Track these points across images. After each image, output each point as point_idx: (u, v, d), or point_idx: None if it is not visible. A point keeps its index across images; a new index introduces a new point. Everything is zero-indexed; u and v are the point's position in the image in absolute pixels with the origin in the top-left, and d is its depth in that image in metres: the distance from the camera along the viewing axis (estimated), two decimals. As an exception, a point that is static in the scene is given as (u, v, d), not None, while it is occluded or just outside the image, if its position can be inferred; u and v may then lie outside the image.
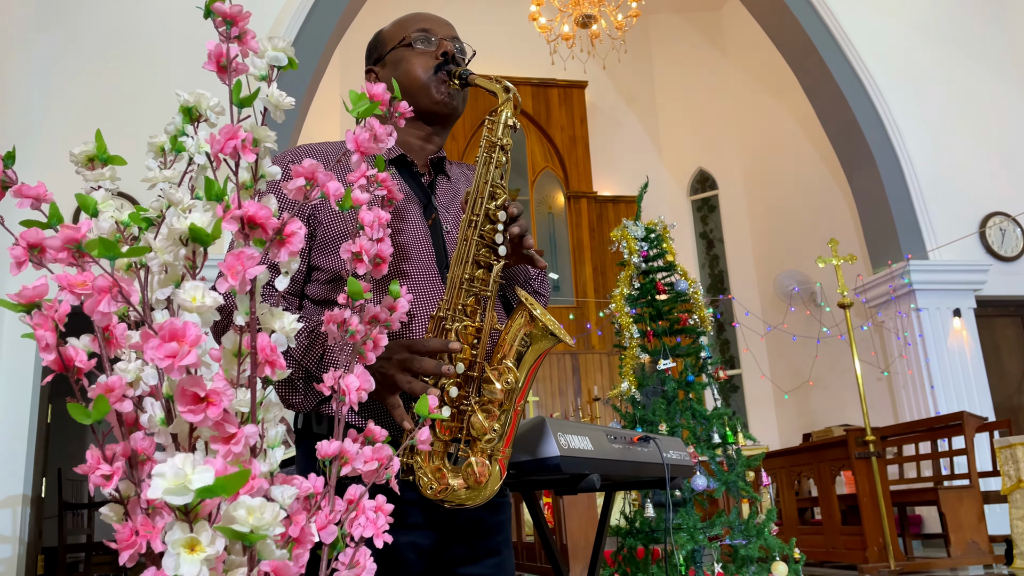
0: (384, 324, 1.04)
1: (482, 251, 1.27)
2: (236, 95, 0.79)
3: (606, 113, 11.97)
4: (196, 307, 0.72)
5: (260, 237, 0.77)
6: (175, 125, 0.88)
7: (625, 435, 2.32)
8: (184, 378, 0.68)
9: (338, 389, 0.90)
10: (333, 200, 0.82)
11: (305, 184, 0.81)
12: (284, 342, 0.80)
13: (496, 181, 1.30)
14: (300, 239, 0.78)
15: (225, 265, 0.73)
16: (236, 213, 0.75)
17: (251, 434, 0.72)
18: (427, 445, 0.97)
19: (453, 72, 1.42)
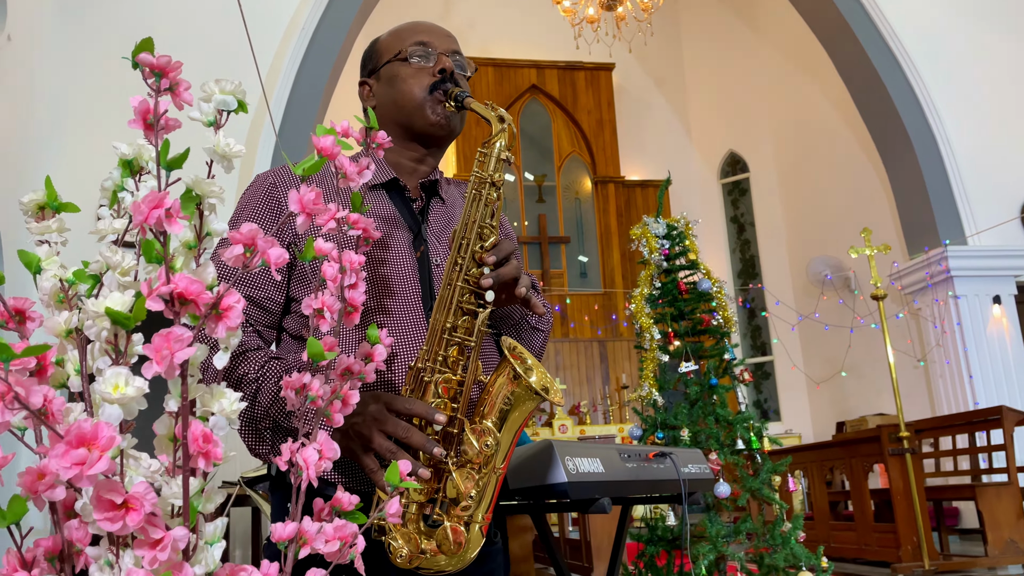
0: (358, 377, 0.96)
1: (467, 296, 1.17)
2: (163, 157, 0.71)
3: (634, 96, 11.78)
4: (117, 398, 0.65)
5: (193, 312, 0.70)
6: (114, 180, 0.81)
7: (640, 452, 2.23)
8: (100, 483, 0.61)
9: (295, 463, 0.83)
10: (274, 268, 0.74)
11: (244, 251, 0.73)
12: (224, 425, 0.73)
13: (485, 221, 1.21)
14: (238, 313, 0.71)
15: (151, 348, 0.66)
16: (163, 290, 0.68)
17: (180, 538, 0.65)
18: (397, 518, 0.89)
19: (450, 92, 1.32)
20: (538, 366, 1.17)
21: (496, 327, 1.39)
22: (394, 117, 1.37)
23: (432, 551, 1.09)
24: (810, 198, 10.22)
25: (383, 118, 1.39)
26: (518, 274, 1.21)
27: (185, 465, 0.68)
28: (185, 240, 0.80)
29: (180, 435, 0.68)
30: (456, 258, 1.19)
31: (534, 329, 1.43)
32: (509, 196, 10.88)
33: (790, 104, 10.52)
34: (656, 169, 11.44)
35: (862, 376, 8.94)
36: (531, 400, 1.13)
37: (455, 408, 1.14)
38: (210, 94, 0.86)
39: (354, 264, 0.99)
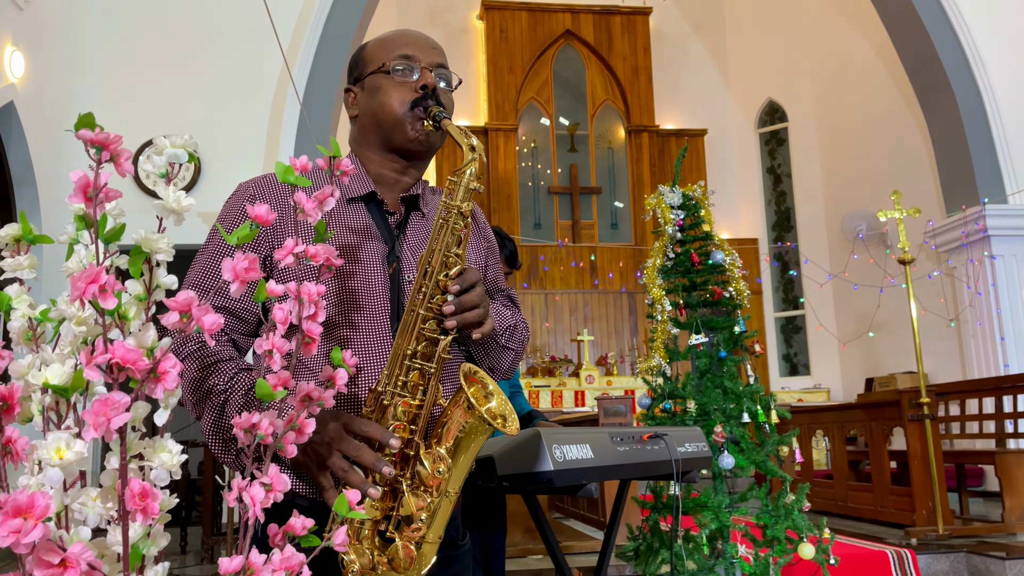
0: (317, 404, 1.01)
1: (428, 324, 1.20)
2: (101, 230, 0.75)
3: (672, 41, 11.50)
4: (59, 463, 0.70)
5: (132, 377, 0.75)
6: (69, 235, 0.85)
7: (634, 435, 2.28)
8: (39, 545, 0.67)
9: (242, 500, 0.89)
10: (208, 333, 0.78)
11: (182, 316, 0.78)
12: (166, 478, 0.79)
13: (451, 250, 1.23)
14: (174, 377, 0.75)
15: (89, 414, 0.71)
16: (101, 359, 0.73)
17: (117, 590, 0.71)
18: (343, 548, 0.95)
19: (429, 110, 1.33)
20: (499, 392, 1.20)
21: (465, 344, 1.41)
22: (375, 129, 1.38)
23: (384, 567, 1.14)
24: (849, 150, 9.98)
25: (365, 128, 1.41)
26: (479, 302, 1.22)
27: (124, 521, 0.74)
28: (136, 293, 0.85)
29: (120, 492, 0.74)
30: (420, 284, 1.21)
31: (504, 348, 1.44)
32: (541, 144, 10.79)
33: (831, 52, 10.19)
34: (692, 118, 11.23)
35: (893, 333, 8.84)
36: (484, 431, 1.16)
37: (413, 430, 1.18)
38: (162, 148, 0.89)
39: (312, 296, 1.03)
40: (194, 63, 6.17)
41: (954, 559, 4.37)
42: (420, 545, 1.16)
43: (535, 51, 10.80)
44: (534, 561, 4.51)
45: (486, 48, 10.69)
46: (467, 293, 1.23)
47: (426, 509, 1.16)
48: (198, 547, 5.52)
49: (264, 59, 6.06)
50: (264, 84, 6.13)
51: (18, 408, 0.77)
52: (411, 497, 1.15)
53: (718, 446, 3.13)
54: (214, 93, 6.13)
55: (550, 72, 10.95)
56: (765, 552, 3.15)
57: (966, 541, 4.61)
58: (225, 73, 6.14)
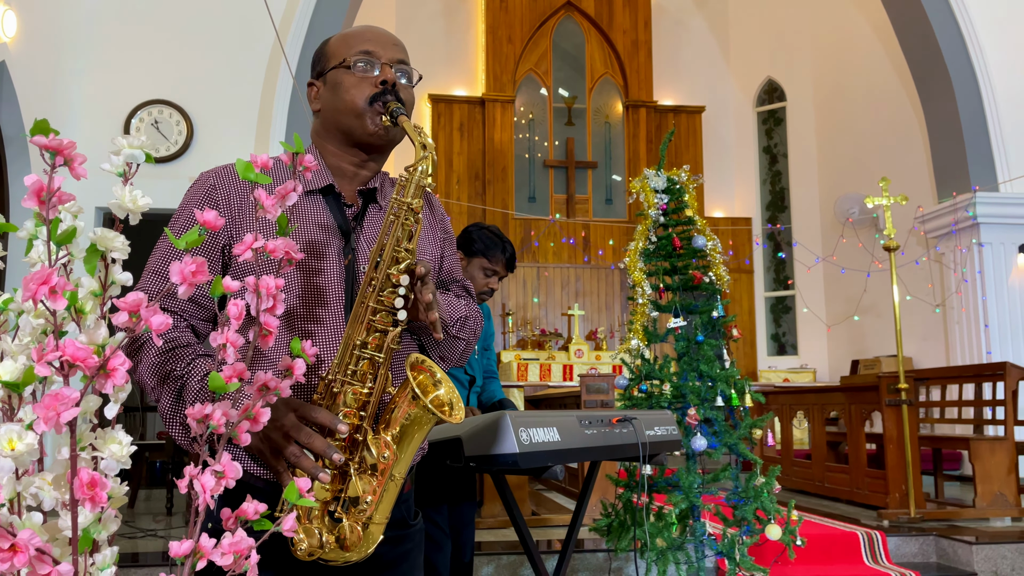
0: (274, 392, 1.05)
1: (379, 315, 1.24)
2: (53, 233, 0.79)
3: (673, 16, 11.42)
4: (10, 454, 0.75)
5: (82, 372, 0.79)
6: (28, 231, 0.89)
7: (603, 418, 2.33)
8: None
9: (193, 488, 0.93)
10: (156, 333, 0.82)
11: (131, 316, 0.81)
12: (116, 467, 0.83)
13: (401, 244, 1.26)
14: (123, 374, 0.79)
15: (40, 408, 0.75)
16: (51, 356, 0.77)
17: (65, 573, 0.76)
18: (292, 532, 1.00)
19: (388, 105, 1.36)
20: (446, 381, 1.25)
21: (417, 334, 1.45)
22: (336, 123, 1.41)
23: (332, 545, 1.20)
24: (845, 132, 9.97)
25: (327, 121, 1.44)
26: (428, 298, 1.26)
27: (73, 508, 0.78)
28: (92, 289, 0.89)
29: (69, 482, 0.79)
30: (371, 276, 1.25)
31: (455, 338, 1.48)
32: (538, 117, 10.76)
33: (833, 33, 10.14)
34: (690, 94, 11.19)
35: (880, 316, 8.92)
36: (429, 420, 1.21)
37: (363, 416, 1.23)
38: (119, 148, 0.93)
39: (271, 289, 1.06)
40: (188, 26, 6.13)
41: (923, 542, 4.46)
42: (367, 525, 1.21)
43: (535, 22, 10.73)
44: (511, 533, 4.60)
45: (485, 17, 10.61)
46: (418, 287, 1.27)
47: (372, 492, 1.21)
48: (183, 508, 5.62)
49: (258, 25, 6.03)
50: (258, 49, 6.10)
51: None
52: (358, 480, 1.20)
53: (691, 428, 3.19)
54: (208, 57, 6.10)
55: (549, 44, 10.88)
56: (734, 531, 3.23)
57: (937, 524, 4.71)
58: (219, 38, 6.11)
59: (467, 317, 1.52)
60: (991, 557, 4.20)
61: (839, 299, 9.75)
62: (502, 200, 10.21)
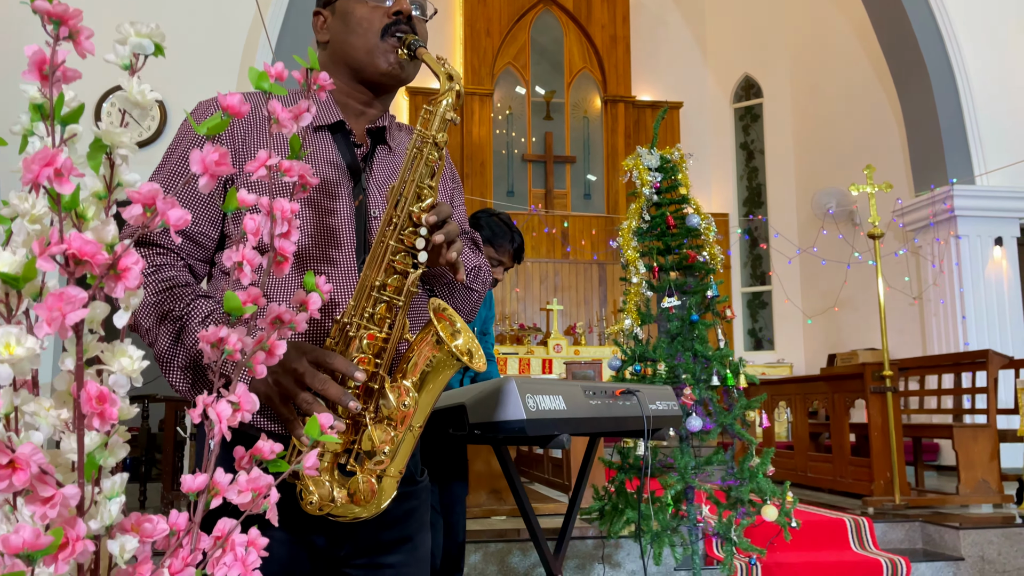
0: (288, 326, 0.96)
1: (399, 256, 1.16)
2: (58, 110, 0.70)
3: (651, 11, 11.42)
4: (8, 359, 0.65)
5: (90, 272, 0.70)
6: (23, 124, 0.79)
7: (606, 389, 2.26)
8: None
9: (208, 417, 0.84)
10: (173, 231, 0.73)
11: (144, 210, 0.72)
12: (126, 383, 0.74)
13: (424, 181, 1.18)
14: (137, 274, 0.70)
15: (43, 308, 0.66)
16: (55, 249, 0.67)
17: (71, 495, 0.67)
18: (314, 471, 0.91)
19: (404, 39, 1.27)
20: (466, 330, 1.18)
21: (430, 284, 1.38)
22: (344, 57, 1.32)
23: (343, 499, 1.12)
24: (822, 128, 10.03)
25: (334, 55, 1.34)
26: (452, 237, 1.19)
27: (79, 425, 0.69)
28: (95, 191, 0.79)
29: (75, 395, 0.69)
30: (391, 215, 1.17)
31: (468, 289, 1.42)
32: (516, 111, 10.69)
33: (810, 29, 10.20)
34: (668, 90, 11.19)
35: (856, 310, 8.97)
36: (452, 365, 1.14)
37: (378, 364, 1.15)
38: (125, 36, 0.83)
39: (286, 212, 0.98)
40: (161, 11, 5.98)
41: (909, 528, 4.45)
42: (381, 478, 1.13)
43: (513, 15, 10.66)
44: (498, 522, 4.52)
45: (463, 10, 10.53)
46: (438, 229, 1.19)
47: (389, 442, 1.13)
48: (158, 503, 5.46)
49: (234, 8, 5.89)
50: (235, 31, 5.96)
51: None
52: (374, 430, 1.12)
53: (687, 408, 3.13)
54: (183, 39, 5.95)
55: (528, 38, 10.82)
56: (728, 514, 3.18)
57: (922, 511, 4.71)
58: (195, 18, 5.96)
59: (480, 268, 1.46)
60: (978, 542, 4.19)
61: (815, 294, 9.79)
62: (480, 194, 10.12)
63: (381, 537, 1.30)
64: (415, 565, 1.35)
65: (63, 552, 0.67)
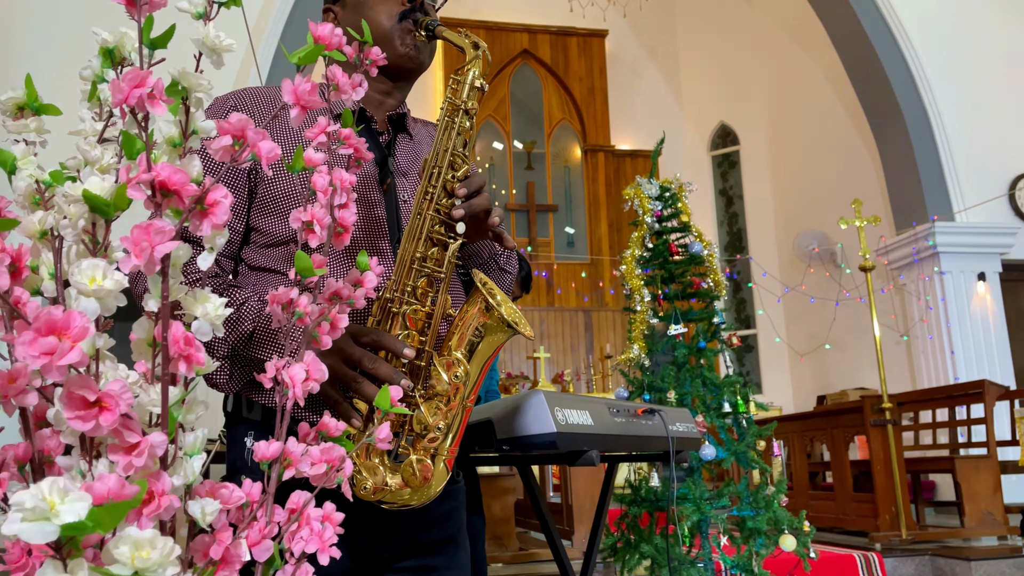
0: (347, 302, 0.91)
1: (437, 227, 1.14)
2: (146, 34, 0.66)
3: (627, 64, 11.66)
4: (94, 291, 0.60)
5: (176, 206, 0.65)
6: (92, 69, 0.75)
7: (629, 407, 2.20)
8: (71, 379, 0.56)
9: (281, 381, 0.78)
10: (266, 163, 0.69)
11: (233, 143, 0.68)
12: (208, 331, 0.68)
13: (457, 149, 1.17)
14: (225, 210, 0.66)
15: (130, 240, 0.61)
16: (144, 177, 0.63)
17: (157, 444, 0.60)
18: (386, 444, 0.86)
19: (420, 21, 1.27)
20: (507, 301, 1.15)
21: (464, 266, 1.37)
22: None
23: (397, 485, 1.07)
24: (799, 172, 10.20)
25: None
26: (489, 206, 1.18)
27: (165, 368, 0.64)
28: (169, 137, 0.75)
29: (159, 337, 0.64)
30: (427, 187, 1.15)
31: (502, 270, 1.41)
32: (498, 162, 10.78)
33: (783, 77, 10.45)
34: (646, 139, 11.36)
35: (844, 350, 8.99)
36: (502, 332, 1.11)
37: (423, 341, 1.12)
38: (201, -17, 0.80)
39: (345, 182, 0.94)
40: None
41: (919, 563, 4.38)
42: (435, 459, 1.09)
43: (492, 69, 10.82)
44: (499, 568, 4.38)
45: (443, 64, 10.68)
46: (475, 197, 1.18)
47: (443, 418, 1.09)
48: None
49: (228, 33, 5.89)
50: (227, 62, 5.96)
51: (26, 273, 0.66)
52: (425, 409, 1.08)
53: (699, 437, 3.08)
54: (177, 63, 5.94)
55: (507, 91, 10.98)
56: (745, 547, 3.10)
57: (929, 546, 4.64)
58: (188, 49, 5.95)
59: (512, 252, 1.44)
60: (990, 574, 4.13)
61: (801, 336, 9.82)
62: (464, 244, 10.12)
63: (424, 538, 1.26)
64: (458, 569, 1.31)
65: (147, 507, 0.60)
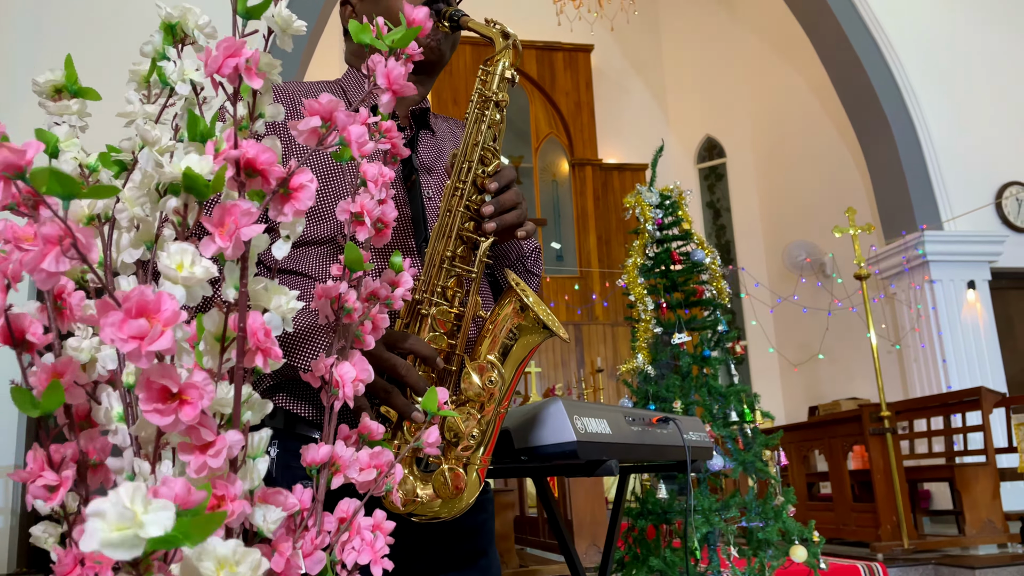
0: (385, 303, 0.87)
1: (468, 225, 1.10)
2: (242, 2, 0.62)
3: (612, 79, 11.71)
4: (183, 277, 0.55)
5: (259, 189, 0.61)
6: (154, 46, 0.71)
7: (644, 416, 2.17)
8: (152, 367, 0.52)
9: (329, 380, 0.74)
10: (357, 150, 0.65)
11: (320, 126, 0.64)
12: (279, 325, 0.64)
13: (488, 143, 1.12)
14: (310, 194, 0.61)
15: (212, 221, 0.57)
16: (231, 154, 0.58)
17: (235, 443, 0.56)
18: (435, 449, 0.81)
19: (443, 12, 1.22)
20: (540, 302, 1.10)
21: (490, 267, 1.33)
22: None
23: (428, 496, 1.02)
24: (786, 184, 10.26)
25: None
26: (520, 220, 1.14)
27: (239, 362, 0.59)
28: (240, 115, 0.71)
29: (236, 328, 0.60)
30: (456, 183, 1.11)
31: (529, 272, 1.37)
32: (485, 177, 10.77)
33: (768, 89, 10.53)
34: (633, 153, 11.39)
35: (835, 361, 9.01)
36: (537, 334, 1.07)
37: (452, 344, 1.07)
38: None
39: (385, 177, 0.90)
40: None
41: (923, 571, 4.36)
42: (467, 468, 1.05)
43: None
44: (501, 585, 4.32)
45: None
46: (505, 192, 1.14)
47: (477, 425, 1.05)
48: None
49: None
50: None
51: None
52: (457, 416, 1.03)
53: (708, 446, 3.04)
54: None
55: (494, 105, 10.98)
56: (755, 559, 3.06)
57: (931, 555, 4.62)
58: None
59: (539, 250, 1.41)
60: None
61: (792, 346, 9.84)
62: (452, 259, 10.08)
63: (456, 550, 1.22)
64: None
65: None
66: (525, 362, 1.15)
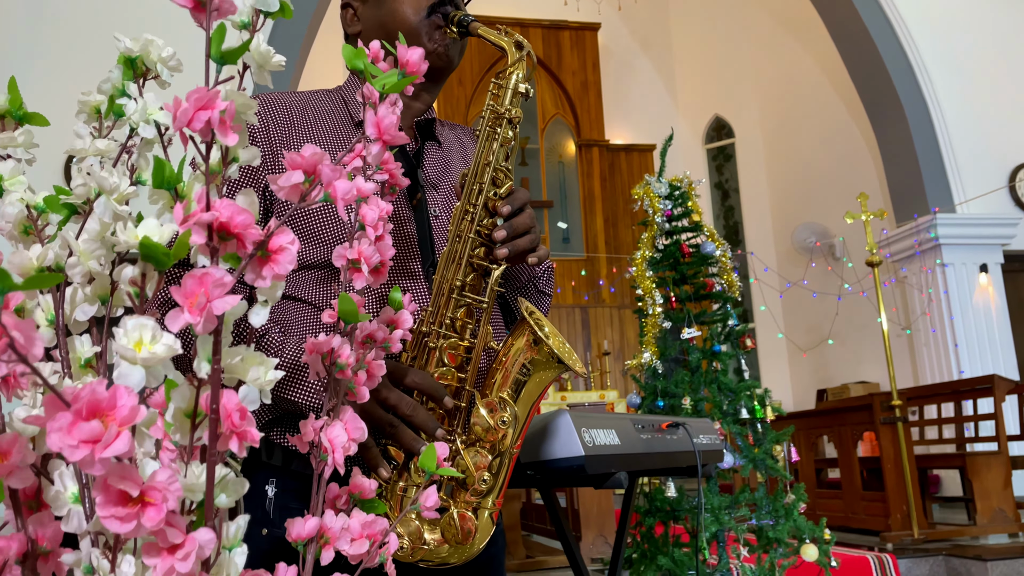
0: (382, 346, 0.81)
1: (478, 251, 1.03)
2: (216, 46, 0.55)
3: (620, 58, 11.55)
4: (142, 357, 0.49)
5: (234, 252, 0.55)
6: (112, 82, 0.65)
7: (653, 422, 2.12)
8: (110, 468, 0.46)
9: (319, 444, 0.68)
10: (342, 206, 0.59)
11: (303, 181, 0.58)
12: (256, 399, 0.58)
13: (500, 163, 1.06)
14: (291, 257, 0.55)
15: (182, 292, 0.51)
16: (203, 218, 0.52)
17: (205, 543, 0.50)
18: (433, 512, 0.76)
19: (451, 16, 1.15)
20: (556, 334, 1.04)
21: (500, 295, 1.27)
22: None
23: (436, 541, 0.97)
24: (796, 164, 10.13)
25: None
26: (533, 245, 1.07)
27: (212, 448, 0.53)
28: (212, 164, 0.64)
29: (207, 409, 0.54)
30: (466, 206, 1.04)
31: (541, 293, 1.30)
32: (491, 159, 10.67)
33: (778, 68, 10.37)
34: (641, 133, 11.27)
35: (844, 344, 8.94)
36: (551, 369, 1.00)
37: (462, 379, 1.02)
38: (251, -8, 0.69)
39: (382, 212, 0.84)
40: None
41: (933, 563, 4.32)
42: (478, 512, 0.99)
43: (484, 64, 10.71)
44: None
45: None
46: (518, 215, 1.07)
47: (488, 469, 0.99)
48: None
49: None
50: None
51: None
52: (467, 457, 0.97)
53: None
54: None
55: (500, 86, 10.86)
56: (766, 557, 3.02)
57: (942, 544, 4.58)
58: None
59: (551, 270, 1.34)
60: (1007, 574, 4.07)
61: (801, 330, 9.77)
62: (458, 242, 10.01)
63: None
64: None
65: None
66: (539, 400, 1.08)
